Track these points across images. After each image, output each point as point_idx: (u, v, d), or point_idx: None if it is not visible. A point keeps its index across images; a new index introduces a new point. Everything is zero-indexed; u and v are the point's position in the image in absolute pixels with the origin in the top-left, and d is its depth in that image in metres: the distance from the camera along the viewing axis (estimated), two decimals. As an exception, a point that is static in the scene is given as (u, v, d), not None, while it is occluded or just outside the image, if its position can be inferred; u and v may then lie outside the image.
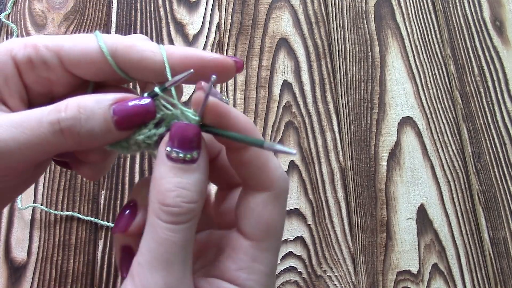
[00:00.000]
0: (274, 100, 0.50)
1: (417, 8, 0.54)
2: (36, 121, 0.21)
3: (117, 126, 0.22)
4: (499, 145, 0.49)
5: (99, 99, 0.22)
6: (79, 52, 0.23)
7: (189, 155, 0.21)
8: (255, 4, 0.54)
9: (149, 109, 0.23)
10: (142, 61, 0.23)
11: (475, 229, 0.46)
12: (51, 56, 0.23)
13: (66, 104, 0.21)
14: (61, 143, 0.21)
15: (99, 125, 0.22)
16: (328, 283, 0.44)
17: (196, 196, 0.21)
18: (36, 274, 0.44)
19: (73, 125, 0.21)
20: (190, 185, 0.21)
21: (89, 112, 0.21)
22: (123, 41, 0.23)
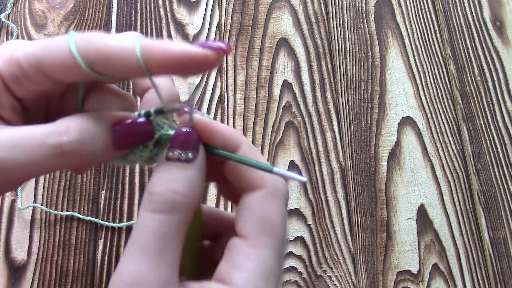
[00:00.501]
0: (274, 100, 0.50)
1: (417, 8, 0.54)
2: (37, 143, 0.21)
3: (116, 147, 0.23)
4: (499, 145, 0.49)
5: (100, 121, 0.22)
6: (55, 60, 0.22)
7: (184, 155, 0.22)
8: (255, 4, 0.54)
9: (147, 131, 0.24)
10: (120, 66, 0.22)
11: (475, 229, 0.46)
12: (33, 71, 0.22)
13: (67, 127, 0.21)
14: (61, 164, 0.22)
15: (100, 147, 0.22)
16: (328, 283, 0.44)
17: (183, 190, 0.21)
18: (36, 274, 0.44)
19: (76, 149, 0.21)
20: (179, 178, 0.22)
21: (91, 136, 0.22)
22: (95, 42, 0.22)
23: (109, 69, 0.22)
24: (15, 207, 0.46)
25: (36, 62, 0.22)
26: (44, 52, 0.22)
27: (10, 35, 0.52)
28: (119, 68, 0.22)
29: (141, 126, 0.23)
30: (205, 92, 0.50)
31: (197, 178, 0.22)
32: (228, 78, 0.51)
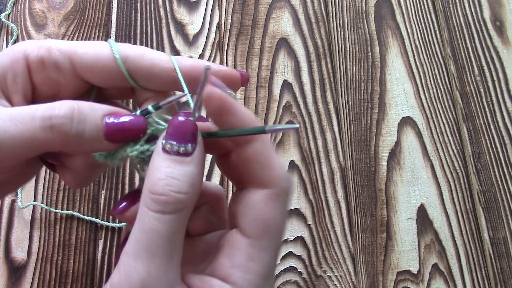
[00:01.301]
0: (274, 100, 0.50)
1: (417, 8, 0.54)
2: (29, 115, 0.21)
3: (106, 136, 0.23)
4: (499, 145, 0.49)
5: (94, 106, 0.23)
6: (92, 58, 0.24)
7: (183, 148, 0.22)
8: (255, 4, 0.54)
9: (140, 125, 0.23)
10: (152, 69, 0.24)
11: (475, 229, 0.46)
12: (63, 59, 0.24)
13: (61, 103, 0.22)
14: (49, 140, 0.22)
15: (89, 131, 0.22)
16: (328, 283, 0.44)
17: (186, 188, 0.21)
18: (36, 274, 0.44)
19: (64, 124, 0.21)
20: (181, 176, 0.21)
21: (82, 116, 0.22)
22: (135, 49, 0.24)
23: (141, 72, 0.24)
24: (15, 207, 0.46)
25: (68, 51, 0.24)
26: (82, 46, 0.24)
27: (10, 35, 0.52)
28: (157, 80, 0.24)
29: (134, 120, 0.23)
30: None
31: (198, 173, 0.22)
32: (228, 78, 0.51)
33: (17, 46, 0.24)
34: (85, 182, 0.27)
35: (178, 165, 0.21)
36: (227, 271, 0.22)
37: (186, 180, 0.21)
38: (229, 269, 0.22)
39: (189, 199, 0.21)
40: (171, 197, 0.21)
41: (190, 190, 0.21)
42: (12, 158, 0.22)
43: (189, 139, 0.22)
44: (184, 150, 0.22)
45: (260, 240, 0.22)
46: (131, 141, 0.23)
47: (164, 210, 0.21)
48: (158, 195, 0.21)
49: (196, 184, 0.22)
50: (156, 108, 0.24)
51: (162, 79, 0.24)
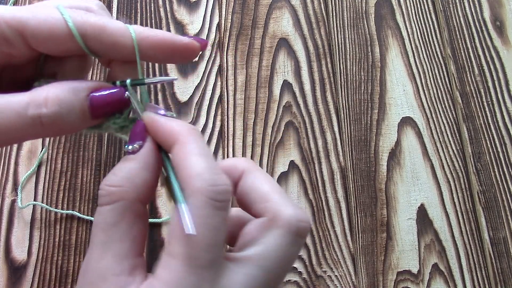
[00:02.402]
0: (274, 100, 0.50)
1: (417, 8, 0.54)
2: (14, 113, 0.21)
3: (92, 115, 0.23)
4: (499, 145, 0.49)
5: (77, 90, 0.23)
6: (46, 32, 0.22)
7: (130, 147, 0.23)
8: (255, 4, 0.54)
9: (123, 98, 0.24)
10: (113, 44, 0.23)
11: (475, 229, 0.46)
12: (13, 34, 0.22)
13: (45, 98, 0.22)
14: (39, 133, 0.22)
15: (77, 116, 0.23)
16: (328, 283, 0.44)
17: (119, 181, 0.22)
18: (36, 274, 0.44)
19: (55, 120, 0.22)
20: (118, 170, 0.22)
21: (69, 106, 0.22)
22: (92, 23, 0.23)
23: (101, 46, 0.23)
24: (15, 207, 0.46)
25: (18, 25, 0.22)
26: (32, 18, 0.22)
27: (10, 35, 0.52)
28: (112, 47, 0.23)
29: (117, 94, 0.24)
30: (205, 92, 0.50)
31: (136, 168, 0.22)
32: (228, 78, 0.51)
33: None
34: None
35: (121, 163, 0.23)
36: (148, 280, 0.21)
37: (121, 174, 0.22)
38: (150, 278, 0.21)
39: (122, 192, 0.22)
40: (104, 190, 0.22)
41: (123, 183, 0.22)
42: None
43: (136, 139, 0.23)
44: (131, 148, 0.23)
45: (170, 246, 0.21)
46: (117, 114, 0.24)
47: (100, 202, 0.22)
48: (99, 191, 0.22)
49: (134, 178, 0.22)
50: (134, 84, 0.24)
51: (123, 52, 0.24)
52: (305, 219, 0.23)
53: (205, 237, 0.20)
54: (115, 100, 0.24)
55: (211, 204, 0.20)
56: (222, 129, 0.49)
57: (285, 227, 0.22)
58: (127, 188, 0.22)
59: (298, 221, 0.23)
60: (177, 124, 0.23)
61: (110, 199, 0.22)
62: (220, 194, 0.21)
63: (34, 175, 0.47)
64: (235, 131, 0.49)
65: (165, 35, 0.24)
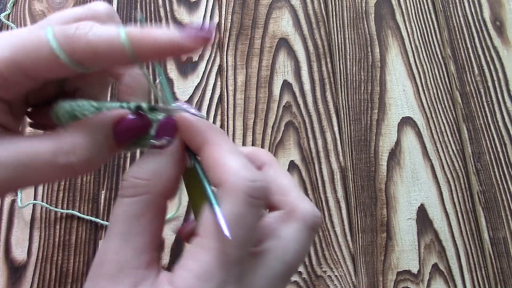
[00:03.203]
0: (274, 100, 0.50)
1: (417, 8, 0.54)
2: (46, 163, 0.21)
3: (118, 145, 0.23)
4: (499, 145, 0.49)
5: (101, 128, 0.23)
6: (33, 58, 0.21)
7: (159, 142, 0.23)
8: (255, 4, 0.54)
9: (145, 124, 0.24)
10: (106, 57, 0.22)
11: (475, 229, 0.46)
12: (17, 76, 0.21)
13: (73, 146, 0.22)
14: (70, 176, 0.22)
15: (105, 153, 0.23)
16: (328, 283, 0.44)
17: (146, 174, 0.22)
18: (36, 274, 0.44)
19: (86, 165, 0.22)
20: (143, 163, 0.22)
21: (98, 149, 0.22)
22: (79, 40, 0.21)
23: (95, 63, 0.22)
24: (15, 207, 0.46)
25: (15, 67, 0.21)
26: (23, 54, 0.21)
27: (10, 35, 0.52)
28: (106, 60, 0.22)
29: (139, 122, 0.24)
30: (205, 92, 0.50)
31: (164, 163, 0.23)
32: (228, 78, 0.51)
33: None
34: None
35: (148, 156, 0.23)
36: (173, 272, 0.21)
37: (147, 167, 0.22)
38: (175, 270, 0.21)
39: (149, 185, 0.22)
40: (129, 182, 0.22)
41: (150, 177, 0.22)
42: None
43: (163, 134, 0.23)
44: (159, 143, 0.23)
45: (202, 238, 0.21)
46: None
47: (122, 193, 0.22)
48: (122, 181, 0.22)
49: (161, 172, 0.22)
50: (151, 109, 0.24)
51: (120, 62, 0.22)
52: (319, 214, 0.24)
53: (239, 235, 0.20)
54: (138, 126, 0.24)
55: (248, 201, 0.21)
56: (222, 129, 0.49)
57: (302, 221, 0.23)
58: (154, 182, 0.22)
59: (314, 216, 0.24)
60: (208, 125, 0.23)
61: (135, 192, 0.22)
62: (258, 191, 0.21)
63: (34, 175, 0.47)
64: (235, 131, 0.49)
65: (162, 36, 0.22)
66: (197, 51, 0.23)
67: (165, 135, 0.23)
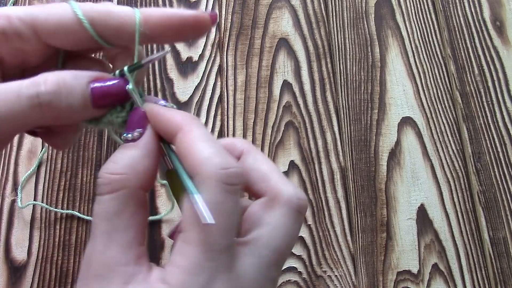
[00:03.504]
0: (274, 100, 0.50)
1: (417, 8, 0.54)
2: (13, 95, 0.21)
3: (94, 104, 0.23)
4: (499, 145, 0.49)
5: (77, 75, 0.22)
6: (55, 23, 0.23)
7: (130, 135, 0.23)
8: (255, 4, 0.54)
9: (124, 90, 0.24)
10: (120, 27, 0.23)
11: (475, 229, 0.46)
12: (26, 28, 0.23)
13: (45, 79, 0.22)
14: (38, 117, 0.22)
15: (78, 101, 0.22)
16: (328, 283, 0.44)
17: (121, 169, 0.22)
18: (36, 274, 0.44)
19: (52, 99, 0.21)
20: (119, 158, 0.22)
21: (68, 87, 0.22)
22: (98, 9, 0.23)
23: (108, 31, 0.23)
24: (15, 207, 0.46)
25: (29, 19, 0.23)
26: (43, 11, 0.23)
27: (10, 35, 0.52)
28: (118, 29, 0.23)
29: (118, 84, 0.23)
30: (205, 92, 0.50)
31: (138, 155, 0.22)
32: (228, 78, 0.51)
33: None
34: (72, 141, 0.28)
35: (121, 150, 0.23)
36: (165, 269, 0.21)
37: (122, 162, 0.22)
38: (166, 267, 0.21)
39: (125, 180, 0.22)
40: (105, 179, 0.21)
41: (126, 171, 0.22)
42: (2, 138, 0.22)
43: (134, 126, 0.23)
44: (131, 137, 0.23)
45: (185, 233, 0.21)
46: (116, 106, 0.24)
47: (100, 191, 0.22)
48: (98, 179, 0.22)
49: (136, 166, 0.22)
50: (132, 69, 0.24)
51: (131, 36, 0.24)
52: (303, 196, 0.24)
53: (220, 222, 0.20)
54: (117, 89, 0.23)
55: (224, 188, 0.20)
56: (222, 129, 0.49)
57: (287, 206, 0.23)
58: (130, 175, 0.22)
59: (298, 199, 0.23)
60: (179, 114, 0.23)
61: (112, 188, 0.21)
62: (232, 177, 0.21)
63: (34, 175, 0.47)
64: (235, 131, 0.49)
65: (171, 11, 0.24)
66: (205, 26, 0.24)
67: (136, 127, 0.23)
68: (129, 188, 0.22)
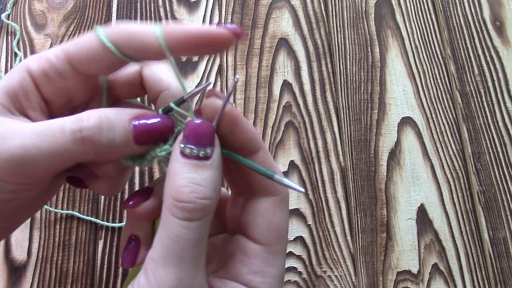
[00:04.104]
0: (274, 100, 0.50)
1: (417, 8, 0.54)
2: (58, 130, 0.21)
3: (135, 140, 0.23)
4: (499, 145, 0.49)
5: (120, 112, 0.23)
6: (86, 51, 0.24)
7: (203, 152, 0.21)
8: (255, 4, 0.54)
9: (167, 124, 0.24)
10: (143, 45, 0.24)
11: (475, 229, 0.46)
12: (62, 64, 0.24)
13: (88, 114, 0.22)
14: (80, 152, 0.22)
15: (120, 137, 0.22)
16: (328, 283, 0.44)
17: (210, 193, 0.21)
18: (36, 274, 0.44)
19: (95, 134, 0.22)
20: (204, 181, 0.21)
21: (110, 123, 0.22)
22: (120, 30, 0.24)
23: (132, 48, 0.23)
24: (15, 207, 0.46)
25: (64, 55, 0.24)
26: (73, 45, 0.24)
27: (11, 35, 0.52)
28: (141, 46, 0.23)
29: (160, 120, 0.24)
30: (205, 92, 0.50)
31: (218, 176, 0.22)
32: (228, 78, 0.51)
33: (19, 65, 0.24)
34: (119, 186, 0.28)
35: (200, 170, 0.21)
36: (246, 277, 0.23)
37: (208, 185, 0.21)
38: (249, 275, 0.23)
39: (213, 204, 0.21)
40: (198, 204, 0.21)
41: (213, 195, 0.21)
42: (44, 172, 0.22)
43: (208, 142, 0.22)
44: (204, 154, 0.22)
45: (274, 246, 0.23)
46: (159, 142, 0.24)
47: (191, 217, 0.21)
48: (185, 203, 0.20)
49: (217, 187, 0.22)
50: (177, 104, 0.24)
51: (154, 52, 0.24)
52: None
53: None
54: (160, 126, 0.23)
55: None
56: (222, 129, 0.49)
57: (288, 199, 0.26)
58: (216, 199, 0.22)
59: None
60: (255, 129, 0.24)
61: (203, 213, 0.21)
62: None
63: (34, 175, 0.47)
64: (235, 131, 0.49)
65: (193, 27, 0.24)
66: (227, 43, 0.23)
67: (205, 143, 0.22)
68: (213, 211, 0.22)
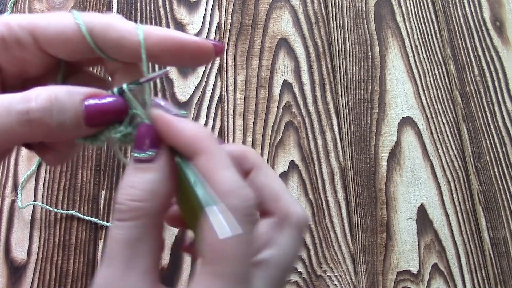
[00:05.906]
0: (274, 100, 0.50)
1: (417, 8, 0.54)
2: (3, 109, 0.20)
3: (87, 122, 0.22)
4: (499, 145, 0.49)
5: (71, 92, 0.21)
6: (55, 31, 0.22)
7: (143, 154, 0.21)
8: (255, 4, 0.54)
9: (120, 107, 0.22)
10: (119, 41, 0.23)
11: (475, 229, 0.46)
12: (25, 35, 0.22)
13: (37, 94, 0.21)
14: (27, 133, 0.21)
15: (70, 120, 0.21)
16: (328, 283, 0.44)
17: (144, 195, 0.21)
18: (36, 274, 0.44)
19: (43, 117, 0.20)
20: (139, 183, 0.21)
21: (60, 105, 0.21)
22: (100, 19, 0.23)
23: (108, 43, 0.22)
24: (15, 207, 0.46)
25: (29, 26, 0.22)
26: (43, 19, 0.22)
27: (10, 35, 0.52)
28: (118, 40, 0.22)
29: (113, 102, 0.22)
30: (205, 92, 0.50)
31: (157, 180, 0.21)
32: (228, 78, 0.51)
33: None
34: (65, 159, 0.27)
35: (138, 172, 0.21)
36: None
37: (143, 187, 0.21)
38: None
39: (146, 206, 0.21)
40: (127, 206, 0.21)
41: (148, 197, 0.21)
42: None
43: (148, 144, 0.22)
44: (146, 156, 0.21)
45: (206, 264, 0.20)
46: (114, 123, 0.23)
47: (121, 217, 0.21)
48: (118, 204, 0.21)
49: (157, 190, 0.21)
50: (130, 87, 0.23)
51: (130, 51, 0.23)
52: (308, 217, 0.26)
53: (244, 253, 0.20)
54: (112, 108, 0.22)
55: (247, 220, 0.20)
56: (222, 129, 0.49)
57: (296, 227, 0.24)
58: (151, 202, 0.21)
59: (306, 221, 0.24)
60: (198, 131, 0.22)
61: (134, 215, 0.21)
62: (251, 209, 0.21)
63: (34, 175, 0.47)
64: (235, 131, 0.49)
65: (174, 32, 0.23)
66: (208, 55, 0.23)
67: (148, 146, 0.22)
68: (150, 215, 0.21)
